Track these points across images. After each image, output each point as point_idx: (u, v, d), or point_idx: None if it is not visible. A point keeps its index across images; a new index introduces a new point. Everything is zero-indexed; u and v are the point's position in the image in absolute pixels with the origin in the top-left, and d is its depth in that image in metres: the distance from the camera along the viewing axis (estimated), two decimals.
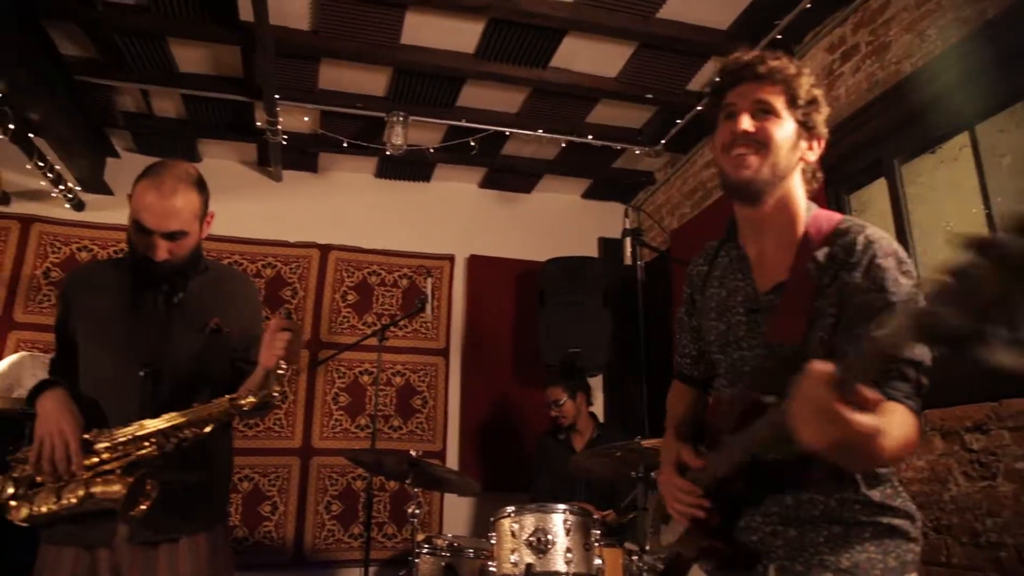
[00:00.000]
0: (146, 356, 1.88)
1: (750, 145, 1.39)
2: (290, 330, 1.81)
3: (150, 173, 1.87)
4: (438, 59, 3.89)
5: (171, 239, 1.85)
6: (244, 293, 2.12)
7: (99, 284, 1.99)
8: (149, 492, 1.77)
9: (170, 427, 1.79)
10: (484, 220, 5.49)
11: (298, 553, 4.66)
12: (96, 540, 1.79)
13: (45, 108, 3.78)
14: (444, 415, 5.09)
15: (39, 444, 1.75)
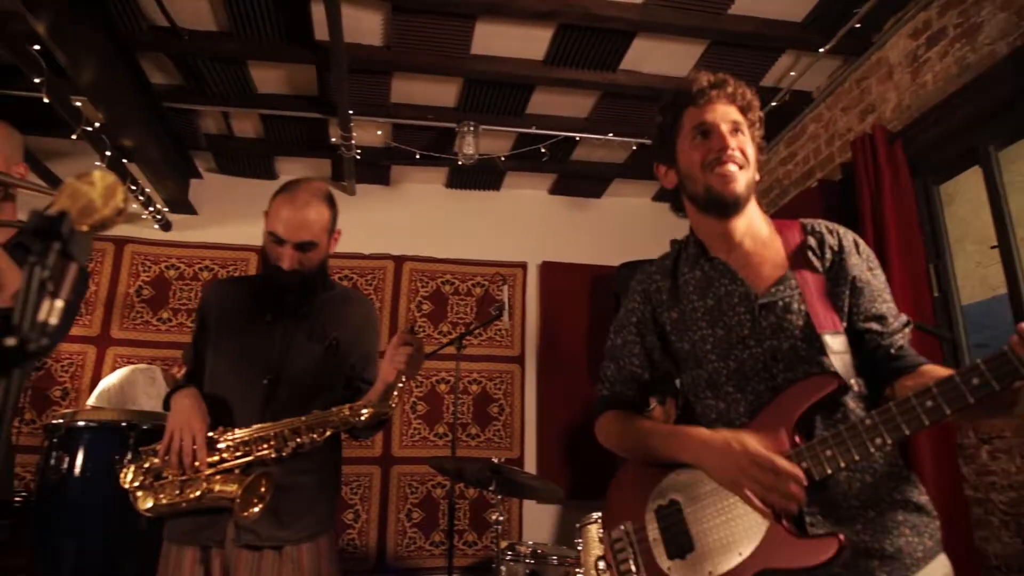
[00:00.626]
0: (269, 365, 1.96)
1: (736, 162, 1.46)
2: (412, 344, 1.84)
3: (286, 189, 1.97)
4: (508, 67, 3.91)
5: (301, 250, 1.92)
6: (365, 314, 2.17)
7: (231, 297, 2.10)
8: (264, 494, 1.83)
9: (289, 430, 1.85)
10: (555, 226, 5.48)
11: (381, 560, 4.72)
12: (210, 539, 1.86)
13: (137, 135, 3.97)
14: (521, 422, 5.09)
15: (168, 438, 1.84)
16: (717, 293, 1.52)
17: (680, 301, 1.57)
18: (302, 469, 1.93)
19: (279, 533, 1.88)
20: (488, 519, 4.87)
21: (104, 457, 2.99)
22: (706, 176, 1.48)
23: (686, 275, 1.59)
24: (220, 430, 1.88)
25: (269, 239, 1.95)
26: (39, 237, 0.93)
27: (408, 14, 3.51)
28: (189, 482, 1.85)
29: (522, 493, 3.89)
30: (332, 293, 2.12)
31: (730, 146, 1.46)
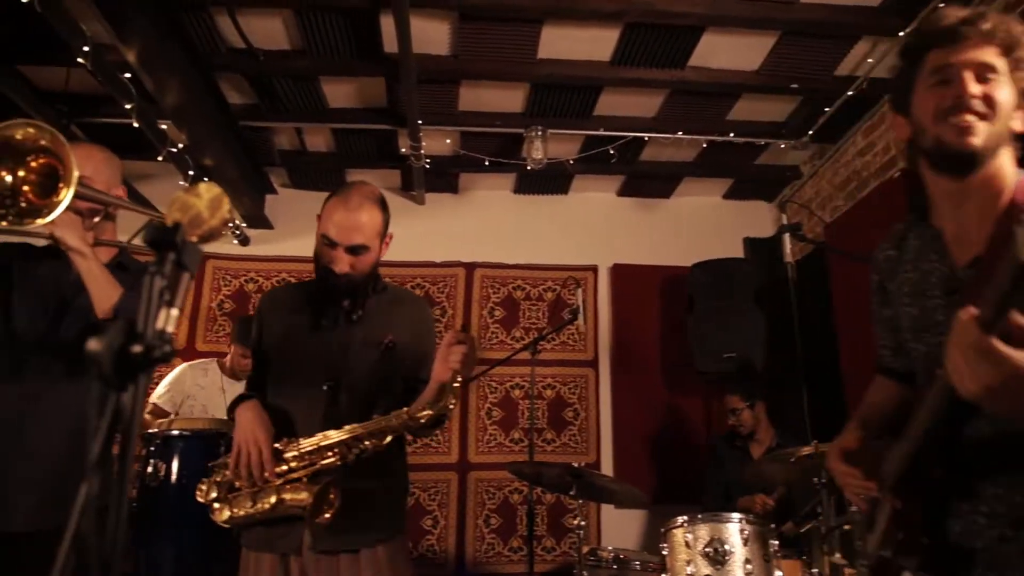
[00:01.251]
0: (328, 371, 1.97)
1: (977, 111, 1.27)
2: (465, 343, 1.84)
3: (339, 193, 1.99)
4: (575, 70, 3.90)
5: (354, 253, 1.93)
6: (419, 314, 2.18)
7: (287, 304, 2.13)
8: (333, 500, 1.85)
9: (351, 438, 1.86)
10: (625, 228, 5.43)
11: (460, 566, 4.75)
12: (287, 547, 1.89)
13: (216, 154, 4.11)
14: (596, 426, 5.05)
15: (236, 451, 1.88)
16: (923, 268, 1.41)
17: (896, 273, 1.50)
18: (370, 474, 1.94)
19: (354, 537, 1.90)
20: (566, 524, 4.87)
21: (198, 464, 3.07)
22: (938, 127, 1.30)
23: (911, 241, 1.49)
24: (285, 441, 1.90)
25: (322, 242, 1.97)
26: (156, 248, 0.97)
27: (475, 22, 3.54)
28: (260, 493, 1.88)
29: (602, 497, 3.85)
30: (384, 295, 2.13)
31: (969, 92, 1.27)
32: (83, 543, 0.84)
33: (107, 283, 1.86)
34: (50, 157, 1.71)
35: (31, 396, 1.90)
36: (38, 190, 1.73)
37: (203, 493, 1.95)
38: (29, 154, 1.70)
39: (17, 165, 1.70)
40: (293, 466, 1.88)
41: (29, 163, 1.72)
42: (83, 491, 0.86)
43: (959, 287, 1.32)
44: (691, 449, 4.94)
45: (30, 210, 1.68)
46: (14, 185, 1.71)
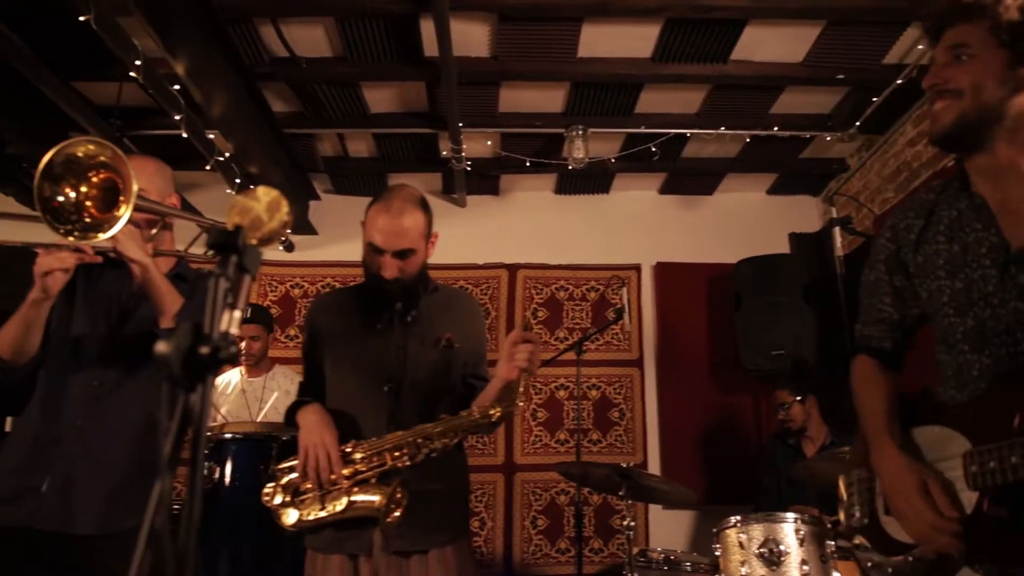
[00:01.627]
0: (387, 373, 1.99)
1: (942, 96, 1.36)
2: (530, 341, 1.84)
3: (380, 198, 2.00)
4: (615, 68, 3.87)
5: (401, 257, 1.95)
6: (471, 311, 2.20)
7: (339, 309, 2.16)
8: (401, 500, 1.87)
9: (421, 438, 1.88)
10: (668, 226, 5.38)
11: (508, 568, 4.75)
12: (357, 549, 1.90)
13: (262, 161, 4.18)
14: (643, 426, 5.01)
15: (303, 455, 1.90)
16: (964, 239, 1.39)
17: (922, 244, 1.47)
18: (436, 475, 1.95)
19: (423, 537, 1.91)
20: (613, 525, 4.83)
21: (250, 467, 3.15)
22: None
23: (942, 213, 1.46)
24: (352, 443, 1.92)
25: (368, 249, 1.99)
26: (218, 251, 0.98)
27: (514, 22, 3.54)
28: (330, 495, 1.89)
29: (651, 498, 3.82)
30: (436, 295, 2.15)
31: (934, 81, 1.36)
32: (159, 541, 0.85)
33: (168, 294, 1.91)
34: (110, 172, 1.75)
35: (92, 402, 1.95)
36: (100, 204, 1.77)
37: (269, 497, 1.97)
38: (90, 170, 1.75)
39: (80, 181, 1.75)
40: (361, 468, 1.90)
41: (91, 178, 1.76)
42: (156, 489, 0.88)
43: (1015, 260, 1.29)
44: (740, 448, 4.88)
45: (93, 224, 1.72)
46: (78, 200, 1.75)
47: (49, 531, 1.82)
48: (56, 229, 1.71)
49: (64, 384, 1.96)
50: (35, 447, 1.90)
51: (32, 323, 1.88)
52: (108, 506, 1.88)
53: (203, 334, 0.90)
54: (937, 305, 1.43)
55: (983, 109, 1.32)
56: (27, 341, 1.90)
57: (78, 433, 1.90)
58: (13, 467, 1.89)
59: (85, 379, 1.96)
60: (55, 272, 1.80)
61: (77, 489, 1.86)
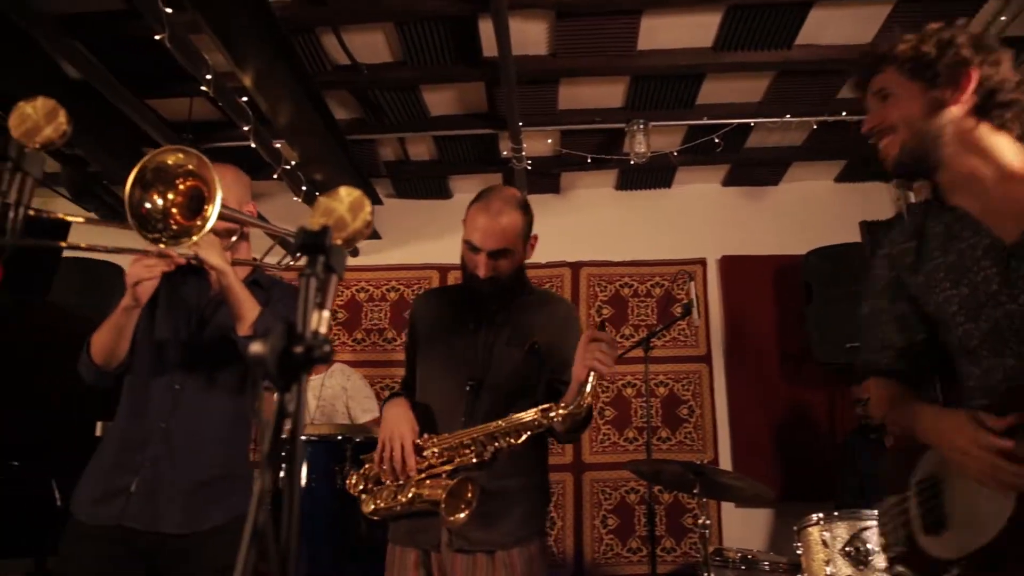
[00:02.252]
0: (472, 370, 2.00)
1: (882, 135, 1.52)
2: (603, 340, 1.80)
3: (480, 198, 2.01)
4: (676, 59, 3.81)
5: (496, 257, 1.95)
6: (564, 316, 2.15)
7: (436, 306, 2.20)
8: (470, 499, 1.86)
9: (486, 435, 1.87)
10: (732, 218, 5.27)
11: (579, 568, 4.72)
12: (427, 543, 1.92)
13: (326, 168, 4.26)
14: (713, 423, 4.92)
15: (380, 446, 1.95)
16: (956, 248, 1.42)
17: (921, 264, 1.48)
18: (508, 473, 1.94)
19: (489, 537, 1.90)
20: (685, 524, 4.76)
21: (326, 468, 3.20)
22: None
23: (931, 231, 1.49)
24: (426, 437, 1.94)
25: (465, 248, 1.99)
26: (306, 251, 1.00)
27: (572, 18, 3.52)
28: (402, 487, 1.93)
29: (726, 496, 3.75)
30: (530, 297, 2.13)
31: (871, 125, 1.54)
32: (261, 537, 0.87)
33: (247, 302, 1.95)
34: (196, 180, 1.79)
35: (175, 404, 2.01)
36: (185, 212, 1.81)
37: (352, 485, 2.04)
38: (178, 177, 1.79)
39: (168, 188, 1.79)
40: (433, 462, 1.92)
41: (178, 186, 1.80)
42: (258, 486, 0.90)
43: (1013, 253, 1.32)
44: (815, 444, 4.74)
45: (180, 231, 1.77)
46: (165, 207, 1.79)
47: (139, 529, 1.89)
48: (145, 235, 1.76)
49: (148, 387, 2.03)
50: (124, 448, 1.98)
51: (123, 329, 1.96)
52: (191, 505, 1.94)
53: (296, 334, 0.91)
54: (947, 315, 1.42)
55: (918, 135, 1.45)
56: (118, 347, 1.98)
57: (162, 435, 1.97)
58: (105, 467, 1.97)
59: (167, 382, 2.02)
60: (145, 281, 1.86)
61: (162, 489, 1.93)
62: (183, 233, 1.75)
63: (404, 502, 1.91)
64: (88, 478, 1.98)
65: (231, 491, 2.03)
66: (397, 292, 5.23)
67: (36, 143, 1.34)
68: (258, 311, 1.96)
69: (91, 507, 1.92)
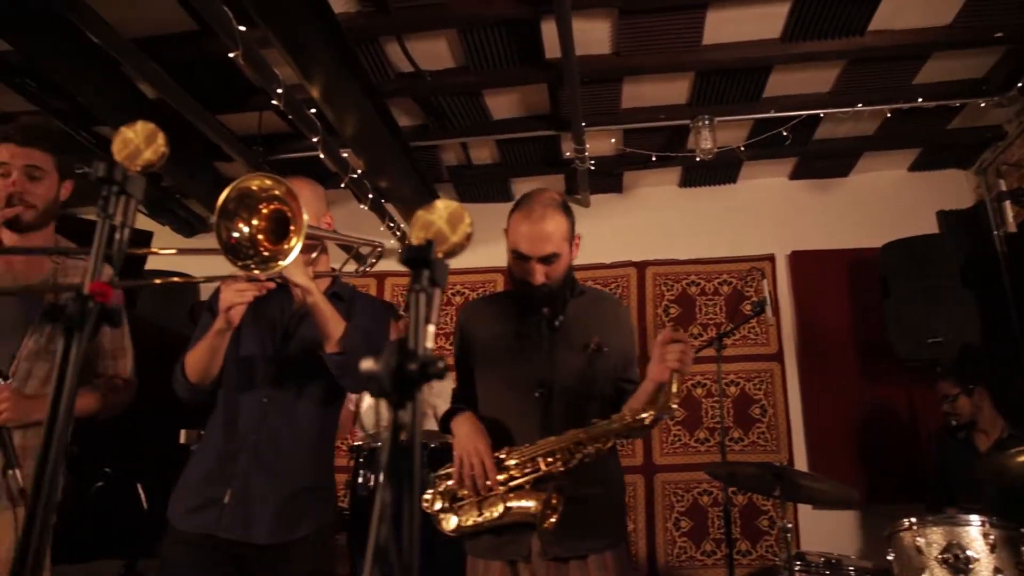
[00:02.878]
0: (536, 379, 1.98)
1: None
2: (680, 341, 1.78)
3: (520, 205, 2.00)
4: (742, 52, 3.73)
5: (546, 262, 1.94)
6: (618, 314, 2.15)
7: (488, 316, 2.16)
8: (557, 506, 1.85)
9: (574, 443, 1.86)
10: (801, 212, 5.13)
11: (653, 571, 4.66)
12: (515, 554, 1.90)
13: (391, 176, 4.31)
14: (786, 423, 4.80)
15: (459, 462, 1.92)
16: None
17: None
18: (591, 480, 1.93)
19: (582, 544, 1.89)
20: (761, 526, 4.65)
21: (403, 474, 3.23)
22: None
23: None
24: (506, 449, 1.93)
25: (512, 256, 1.98)
26: (411, 266, 1.00)
27: (636, 16, 3.48)
28: (486, 501, 1.90)
29: (807, 498, 3.63)
30: (583, 298, 2.11)
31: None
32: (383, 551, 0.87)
33: (333, 318, 1.96)
34: (278, 203, 1.80)
35: (263, 418, 2.04)
36: (271, 236, 1.82)
37: (429, 504, 2.00)
38: (261, 203, 1.81)
39: (252, 215, 1.80)
40: (515, 474, 1.90)
41: (261, 211, 1.82)
42: (379, 499, 0.90)
43: None
44: (896, 444, 4.58)
45: (270, 256, 1.77)
46: (251, 234, 1.81)
47: (232, 540, 1.92)
48: (236, 264, 1.78)
49: (238, 401, 2.07)
50: (217, 460, 2.02)
51: (216, 351, 2.00)
52: (282, 516, 1.97)
53: (409, 350, 0.91)
54: None
55: None
56: (211, 366, 2.02)
57: (253, 448, 2.00)
58: (200, 478, 2.02)
59: (256, 397, 2.06)
60: (237, 305, 1.91)
61: (254, 501, 1.96)
62: (272, 258, 1.76)
63: (493, 517, 1.89)
64: (183, 488, 2.04)
65: (318, 500, 2.06)
66: (462, 296, 5.25)
67: (137, 166, 1.37)
68: (344, 327, 1.97)
69: (186, 516, 1.97)
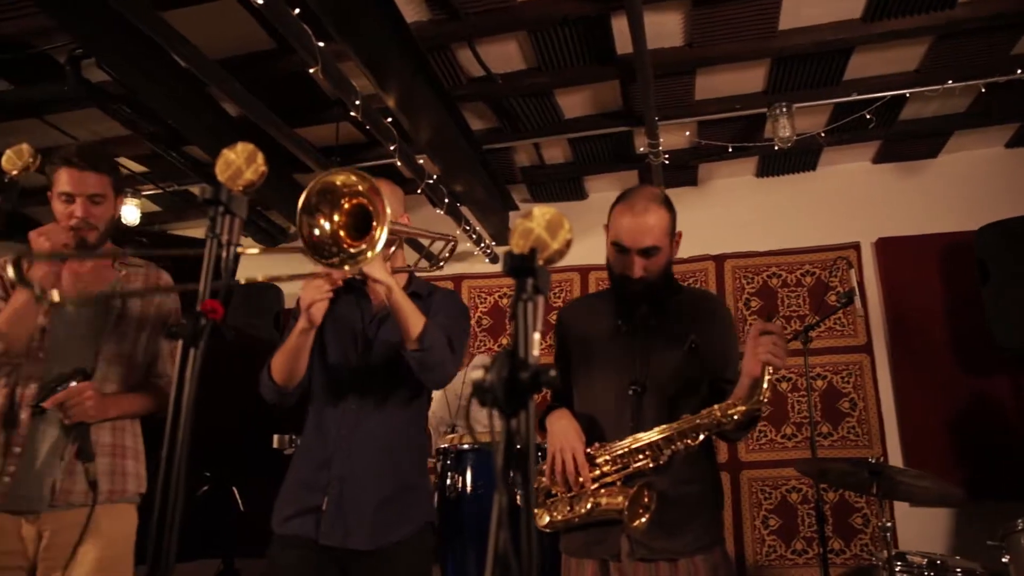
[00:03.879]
0: (632, 375, 1.96)
1: None
2: (773, 332, 1.73)
3: (623, 198, 1.98)
4: (821, 35, 3.60)
5: (645, 256, 1.91)
6: (718, 313, 2.11)
7: (586, 313, 2.16)
8: (648, 504, 1.83)
9: (662, 439, 1.83)
10: (887, 197, 4.94)
11: (742, 570, 4.56)
12: (605, 553, 1.89)
13: (466, 179, 4.36)
14: (878, 417, 4.62)
15: (551, 459, 1.92)
16: None
17: None
18: (686, 479, 1.90)
19: (671, 545, 1.86)
20: (854, 524, 4.49)
21: (490, 475, 3.26)
22: None
23: None
24: (596, 446, 1.92)
25: (613, 250, 1.96)
26: (515, 275, 1.00)
27: (709, 6, 3.41)
28: (577, 498, 1.90)
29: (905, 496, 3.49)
30: (682, 296, 2.08)
31: None
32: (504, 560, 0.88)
33: (413, 314, 1.98)
34: (359, 198, 1.79)
35: (354, 425, 2.08)
36: (352, 232, 1.80)
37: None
38: (343, 198, 1.80)
39: (333, 210, 1.79)
40: (606, 470, 1.89)
41: (343, 206, 1.80)
42: (496, 504, 0.91)
43: None
44: (1000, 437, 4.36)
45: (355, 253, 1.76)
46: (333, 231, 1.79)
47: (331, 546, 1.97)
48: (319, 261, 1.76)
49: (327, 410, 2.11)
50: (313, 469, 2.06)
51: (300, 351, 2.03)
52: (378, 522, 2.00)
53: (520, 360, 0.92)
54: None
55: None
56: (296, 367, 2.06)
57: (346, 455, 2.04)
58: (298, 486, 2.07)
59: (345, 405, 2.10)
60: (317, 302, 1.95)
61: (349, 507, 2.00)
62: (358, 254, 1.75)
63: (582, 513, 1.89)
64: (284, 496, 2.09)
65: (413, 503, 2.09)
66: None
67: (239, 186, 1.42)
68: (423, 323, 1.98)
69: (288, 523, 2.02)
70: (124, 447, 2.17)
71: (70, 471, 2.03)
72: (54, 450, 2.03)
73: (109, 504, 2.07)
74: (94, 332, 2.15)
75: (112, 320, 2.18)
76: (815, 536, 4.45)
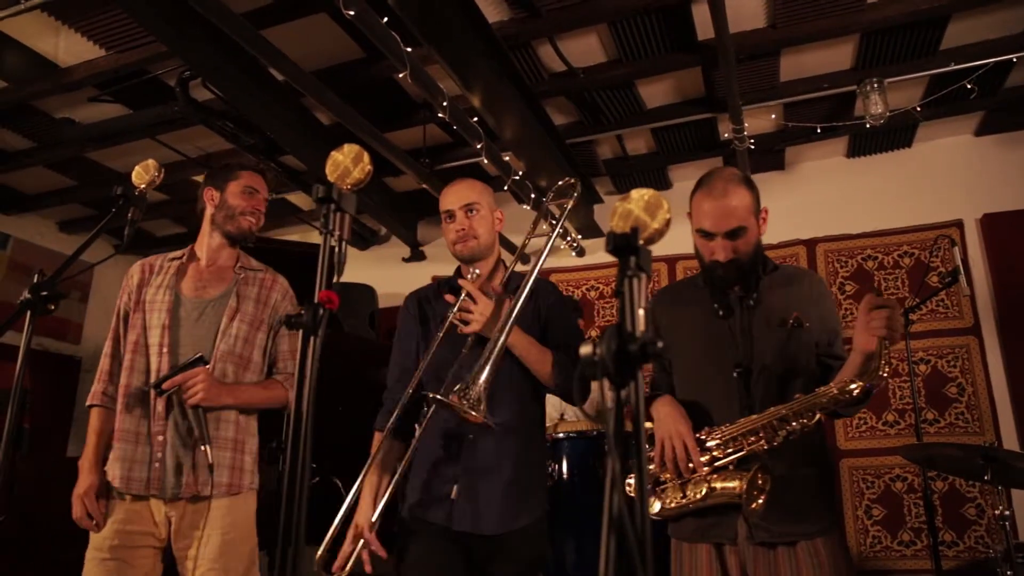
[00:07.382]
0: (734, 358, 1.95)
1: None
2: (885, 306, 1.70)
3: (702, 184, 1.97)
4: (914, 4, 3.46)
5: (732, 237, 1.90)
6: (817, 288, 2.06)
7: (679, 300, 2.15)
8: (763, 486, 1.81)
9: (777, 419, 1.81)
10: (991, 172, 4.70)
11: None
12: (722, 536, 1.88)
13: (550, 174, 4.40)
14: (989, 401, 4.41)
15: (660, 446, 1.92)
16: None
17: None
18: (802, 461, 1.88)
19: (791, 528, 1.83)
20: (967, 515, 4.30)
21: (585, 463, 3.31)
22: None
23: None
24: (706, 430, 1.91)
25: (698, 236, 1.95)
26: (619, 255, 1.05)
27: None
28: (690, 483, 1.89)
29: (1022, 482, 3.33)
30: (776, 274, 2.04)
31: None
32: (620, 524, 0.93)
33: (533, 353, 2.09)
34: None
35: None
36: None
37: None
38: None
39: None
40: (718, 454, 1.88)
41: None
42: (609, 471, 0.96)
43: None
44: None
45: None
46: None
47: (463, 532, 2.04)
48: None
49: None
50: (440, 459, 2.12)
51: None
52: (503, 508, 2.05)
53: (628, 333, 0.97)
54: None
55: None
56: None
57: (471, 445, 2.09)
58: (427, 475, 2.13)
59: None
60: None
61: (478, 495, 2.05)
62: None
63: (697, 499, 1.87)
64: (413, 484, 2.15)
65: (536, 489, 2.15)
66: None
67: (348, 185, 1.52)
68: (550, 360, 2.08)
69: (419, 510, 2.10)
70: (244, 443, 2.32)
71: (195, 460, 2.19)
72: (184, 440, 2.21)
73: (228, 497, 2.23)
74: (212, 330, 2.31)
75: (228, 321, 2.33)
76: (923, 527, 4.30)
